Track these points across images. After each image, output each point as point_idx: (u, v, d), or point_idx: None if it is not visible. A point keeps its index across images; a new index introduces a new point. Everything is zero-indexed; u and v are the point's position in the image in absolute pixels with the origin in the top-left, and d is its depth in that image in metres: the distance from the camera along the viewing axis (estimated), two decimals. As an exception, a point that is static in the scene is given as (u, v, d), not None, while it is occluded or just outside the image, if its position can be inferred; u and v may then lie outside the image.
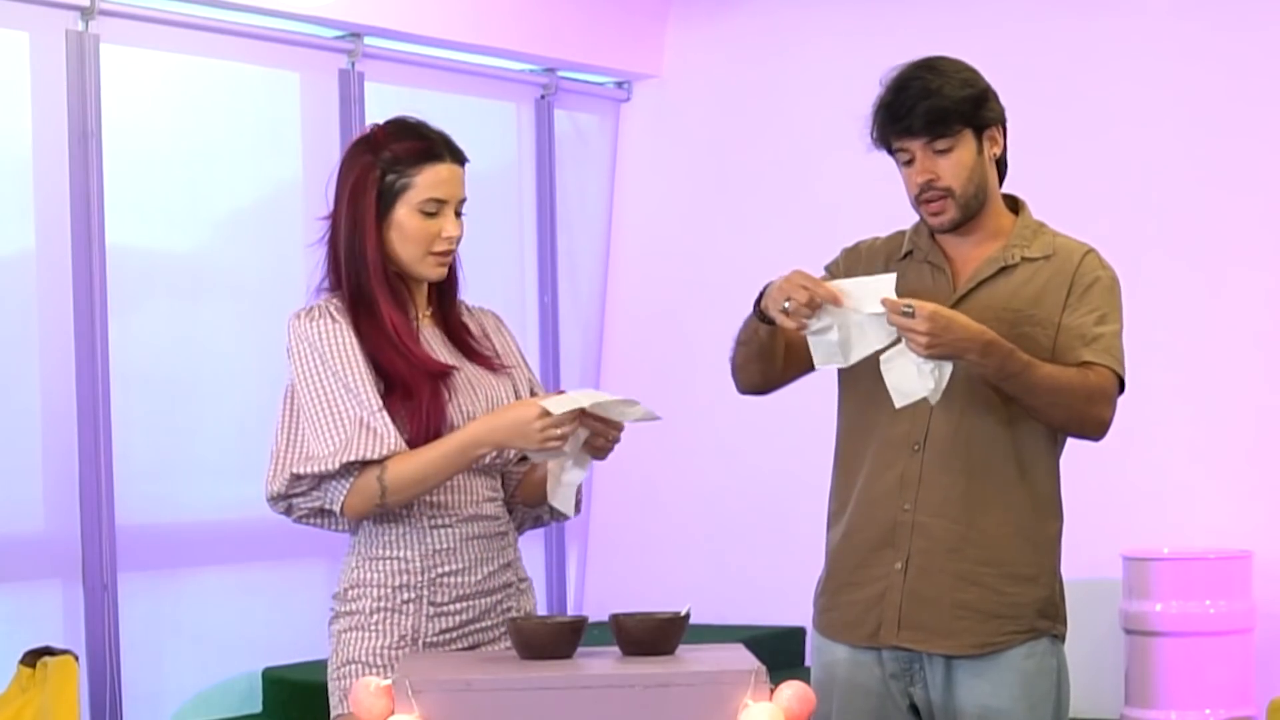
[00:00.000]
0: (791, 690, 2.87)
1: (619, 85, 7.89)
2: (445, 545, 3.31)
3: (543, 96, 7.62)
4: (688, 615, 3.05)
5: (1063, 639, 3.54)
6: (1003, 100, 3.51)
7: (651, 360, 7.60)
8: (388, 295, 3.30)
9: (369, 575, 3.31)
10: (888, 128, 3.43)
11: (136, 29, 6.11)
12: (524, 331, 7.49)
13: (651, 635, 3.02)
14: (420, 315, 3.39)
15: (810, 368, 3.45)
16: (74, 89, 5.91)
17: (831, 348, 3.31)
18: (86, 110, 5.92)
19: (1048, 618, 3.49)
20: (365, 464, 3.22)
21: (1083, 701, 3.84)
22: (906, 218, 3.58)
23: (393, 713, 2.84)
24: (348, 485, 3.23)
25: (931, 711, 3.49)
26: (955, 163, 3.42)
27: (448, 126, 3.42)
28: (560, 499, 3.37)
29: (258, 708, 6.40)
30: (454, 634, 3.31)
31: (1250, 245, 6.63)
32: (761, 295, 3.38)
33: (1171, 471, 6.70)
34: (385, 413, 3.23)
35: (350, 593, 3.32)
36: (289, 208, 6.45)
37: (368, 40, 6.83)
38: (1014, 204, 3.57)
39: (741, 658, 2.97)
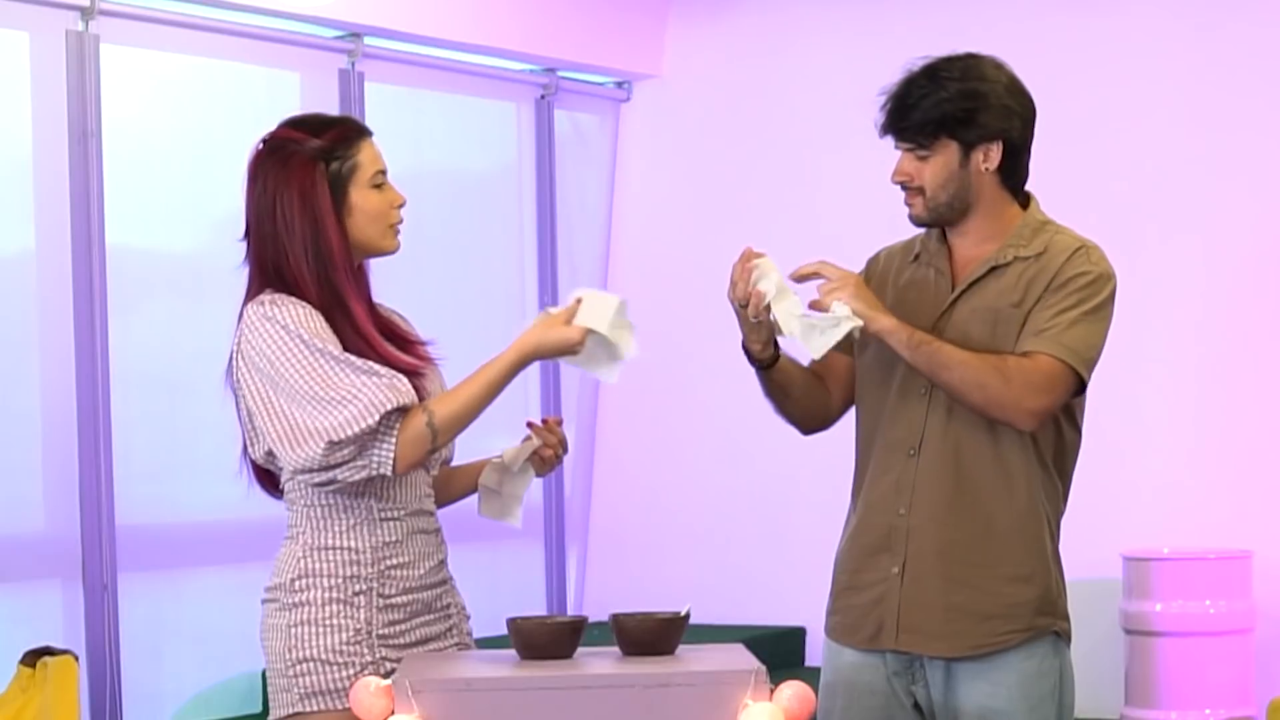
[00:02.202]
0: (791, 690, 2.87)
1: (619, 85, 7.89)
2: (394, 538, 3.31)
3: (543, 96, 7.61)
4: (688, 615, 3.05)
5: (1066, 637, 3.52)
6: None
7: (651, 360, 7.59)
8: (354, 289, 3.31)
9: (318, 566, 3.29)
10: (880, 126, 3.49)
11: (136, 29, 6.11)
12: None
13: (651, 635, 3.02)
14: None
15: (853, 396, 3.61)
16: (74, 89, 5.91)
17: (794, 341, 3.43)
18: (86, 110, 5.91)
19: (1046, 614, 3.47)
20: (403, 415, 3.19)
21: (1083, 701, 3.82)
22: (906, 217, 3.58)
23: (392, 713, 2.84)
24: (393, 441, 3.19)
25: (933, 711, 3.49)
26: (932, 168, 3.45)
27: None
28: (504, 512, 3.47)
29: (258, 708, 6.39)
30: (401, 626, 3.31)
31: (1250, 244, 6.63)
32: None
33: (1171, 471, 6.70)
34: (385, 366, 3.23)
35: (298, 584, 3.28)
36: (289, 208, 6.43)
37: (368, 40, 6.82)
38: (1027, 201, 3.57)
39: (741, 658, 2.97)
